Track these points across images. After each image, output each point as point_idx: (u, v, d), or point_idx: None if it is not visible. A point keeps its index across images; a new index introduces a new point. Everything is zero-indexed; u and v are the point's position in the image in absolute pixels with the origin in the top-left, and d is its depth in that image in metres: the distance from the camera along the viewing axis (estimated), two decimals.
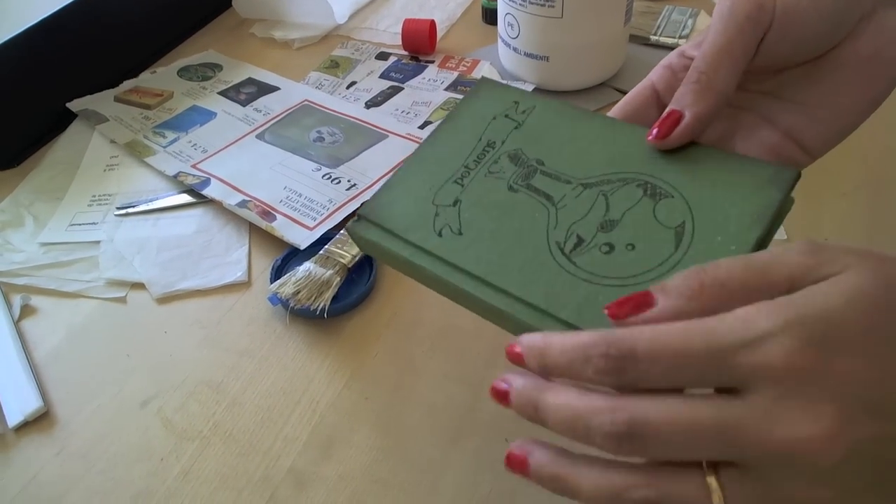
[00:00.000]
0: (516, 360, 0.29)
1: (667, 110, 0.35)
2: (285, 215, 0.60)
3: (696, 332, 0.25)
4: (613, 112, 0.39)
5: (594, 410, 0.26)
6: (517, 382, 0.29)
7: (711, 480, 0.25)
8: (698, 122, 0.34)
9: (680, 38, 0.78)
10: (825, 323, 0.24)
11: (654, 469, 0.26)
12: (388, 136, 0.69)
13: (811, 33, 0.34)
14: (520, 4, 0.68)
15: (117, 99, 0.77)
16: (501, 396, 0.29)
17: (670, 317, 0.27)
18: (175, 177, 0.66)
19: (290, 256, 0.58)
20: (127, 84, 0.79)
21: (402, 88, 0.77)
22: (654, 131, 0.35)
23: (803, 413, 0.24)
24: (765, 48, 0.34)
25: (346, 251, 0.55)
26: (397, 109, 0.74)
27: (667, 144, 0.35)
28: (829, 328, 0.24)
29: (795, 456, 0.24)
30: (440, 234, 0.37)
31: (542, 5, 0.67)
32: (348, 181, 0.63)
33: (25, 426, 0.48)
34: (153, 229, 0.62)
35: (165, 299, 0.56)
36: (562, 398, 0.27)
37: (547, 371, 0.28)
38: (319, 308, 0.52)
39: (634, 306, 0.28)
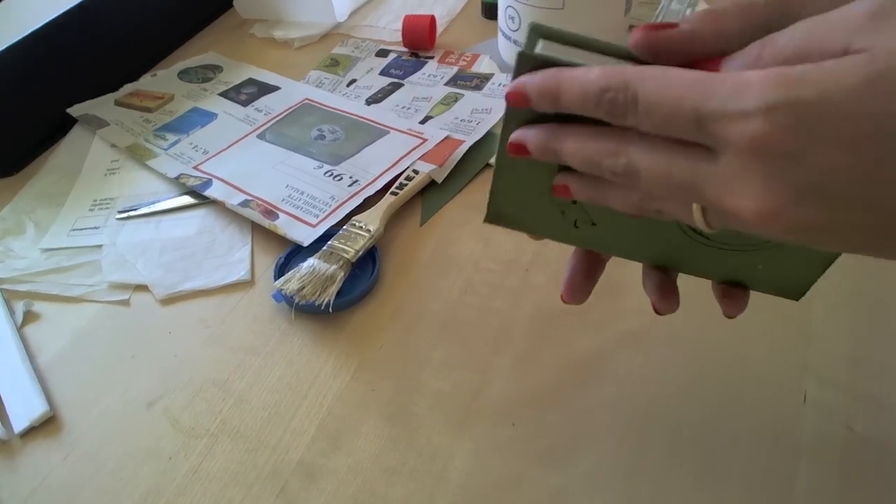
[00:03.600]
0: (522, 103, 0.31)
1: None
2: (288, 213, 0.60)
3: (692, 92, 0.26)
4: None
5: (602, 153, 0.29)
6: (530, 135, 0.32)
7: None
8: (689, 36, 0.31)
9: None
10: (817, 110, 0.24)
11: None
12: (389, 132, 0.68)
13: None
14: None
15: (118, 103, 0.77)
16: (519, 150, 0.32)
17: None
18: (177, 179, 0.66)
19: (294, 254, 0.57)
20: (127, 88, 0.79)
21: (403, 84, 0.77)
22: (643, 26, 0.32)
23: (753, 188, 0.25)
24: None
25: (350, 246, 0.55)
26: (398, 105, 0.73)
27: (648, 40, 0.30)
28: (822, 116, 0.24)
29: (741, 220, 0.26)
30: (576, 226, 0.37)
31: None
32: (350, 178, 0.63)
33: (32, 431, 0.48)
34: (155, 232, 0.62)
35: (169, 300, 0.56)
36: (576, 143, 0.30)
37: (561, 108, 0.30)
38: (324, 303, 0.51)
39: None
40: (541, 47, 0.32)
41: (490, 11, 0.86)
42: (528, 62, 0.31)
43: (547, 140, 0.31)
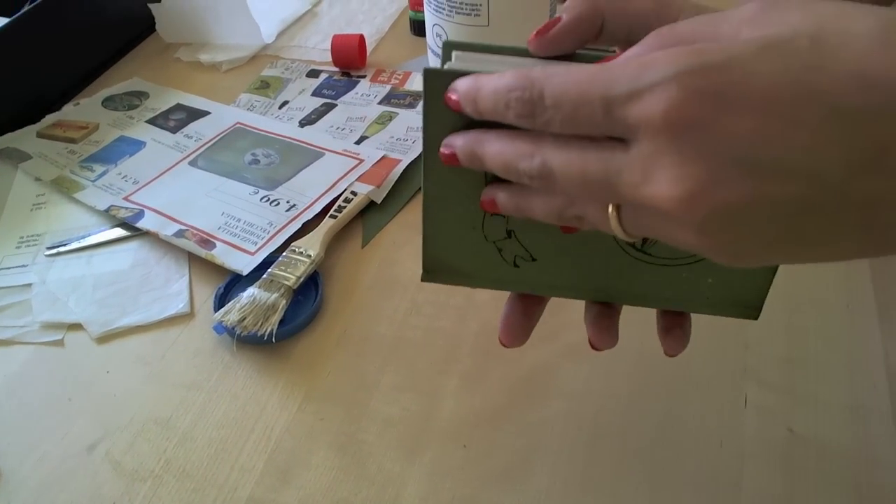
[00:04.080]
0: (455, 107, 0.31)
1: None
2: (225, 242, 0.59)
3: (598, 80, 0.26)
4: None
5: (519, 156, 0.29)
6: (458, 142, 0.32)
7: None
8: (574, 23, 0.33)
9: None
10: (726, 73, 0.24)
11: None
12: (324, 153, 0.68)
13: None
14: (447, 15, 0.68)
15: (40, 135, 0.74)
16: (451, 158, 0.32)
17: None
18: (107, 211, 0.64)
19: (233, 283, 0.56)
20: (49, 118, 0.76)
21: (336, 105, 0.76)
22: (534, 34, 0.33)
23: (670, 171, 0.24)
24: None
25: (291, 273, 0.54)
26: (332, 126, 0.73)
27: (544, 42, 0.33)
28: (729, 80, 0.23)
29: (661, 210, 0.25)
30: (516, 264, 0.37)
31: (469, 14, 0.67)
32: (287, 202, 0.62)
33: None
34: (87, 267, 0.60)
35: (105, 338, 0.54)
36: (496, 147, 0.30)
37: (481, 115, 0.30)
38: (267, 333, 0.50)
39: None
40: (454, 60, 0.33)
41: (419, 28, 0.86)
42: (433, 77, 0.31)
43: (472, 144, 0.31)
